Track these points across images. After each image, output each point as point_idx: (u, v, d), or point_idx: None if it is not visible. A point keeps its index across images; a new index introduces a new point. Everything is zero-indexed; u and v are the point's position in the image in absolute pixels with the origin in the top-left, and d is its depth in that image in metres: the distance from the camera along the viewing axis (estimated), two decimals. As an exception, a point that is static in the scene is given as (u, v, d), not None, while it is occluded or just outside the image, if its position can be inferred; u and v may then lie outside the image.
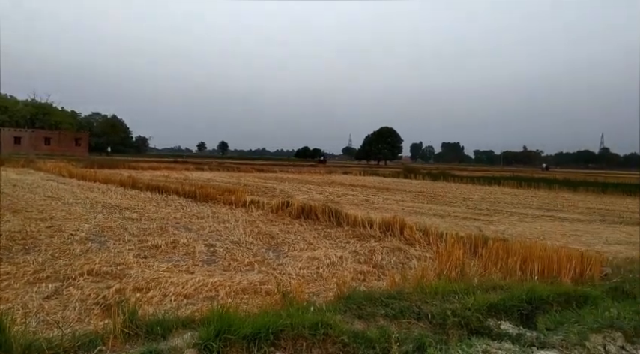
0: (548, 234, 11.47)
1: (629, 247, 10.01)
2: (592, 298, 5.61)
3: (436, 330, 4.70)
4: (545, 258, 6.86)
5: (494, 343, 4.19)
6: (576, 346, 4.30)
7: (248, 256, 8.09)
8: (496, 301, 5.20)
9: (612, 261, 8.02)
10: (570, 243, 9.90)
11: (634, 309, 5.28)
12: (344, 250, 8.90)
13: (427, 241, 9.70)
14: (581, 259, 6.94)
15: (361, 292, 5.30)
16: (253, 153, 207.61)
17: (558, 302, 5.41)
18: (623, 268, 7.37)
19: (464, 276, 6.32)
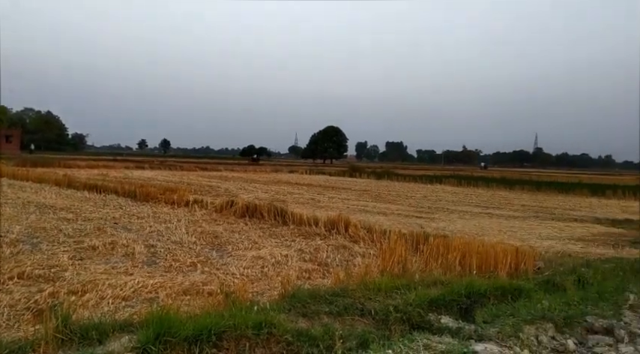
0: (486, 230, 11.90)
1: (560, 242, 10.54)
2: (526, 291, 5.86)
3: (379, 326, 4.76)
4: (483, 253, 7.10)
5: (435, 337, 4.29)
6: (511, 338, 4.46)
7: (190, 256, 7.91)
8: (437, 296, 5.33)
9: (545, 255, 8.42)
10: (507, 239, 10.31)
11: (564, 300, 5.56)
12: (289, 248, 8.87)
13: (371, 238, 9.83)
14: (517, 254, 7.24)
15: (306, 291, 5.29)
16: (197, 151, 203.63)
17: (495, 296, 5.61)
18: (555, 262, 7.76)
19: (406, 272, 6.44)
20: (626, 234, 12.51)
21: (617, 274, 7.28)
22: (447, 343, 4.12)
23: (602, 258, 8.48)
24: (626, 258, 8.57)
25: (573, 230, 12.95)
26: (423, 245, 8.22)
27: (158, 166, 43.93)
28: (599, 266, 7.51)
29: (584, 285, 6.57)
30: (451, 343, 4.13)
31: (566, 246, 9.99)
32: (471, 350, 3.99)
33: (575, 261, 7.86)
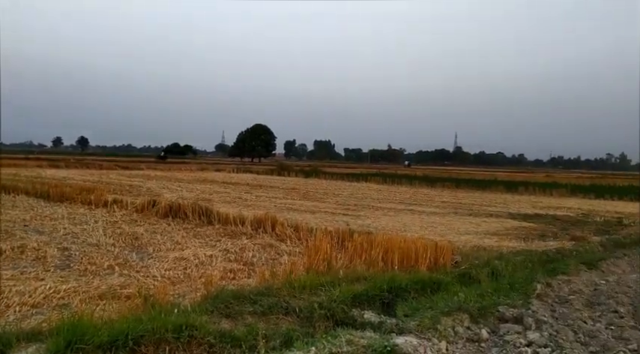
0: (408, 226, 12.28)
1: (477, 237, 11.09)
2: (444, 285, 6.11)
3: (304, 323, 4.77)
4: (404, 249, 7.33)
5: (358, 332, 4.36)
6: (430, 330, 4.63)
7: (108, 259, 7.55)
8: (360, 291, 5.43)
9: (462, 249, 8.82)
10: (428, 234, 10.69)
11: (479, 292, 5.85)
12: (214, 248, 8.71)
13: (298, 236, 9.86)
14: (436, 248, 7.54)
15: (230, 291, 5.21)
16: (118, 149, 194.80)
17: (415, 290, 5.81)
18: (471, 255, 8.14)
19: (331, 269, 6.51)
20: (536, 228, 13.37)
21: (526, 266, 7.78)
22: (369, 338, 4.20)
23: (513, 251, 9.00)
24: (535, 250, 9.17)
25: (489, 225, 13.66)
26: (349, 242, 8.34)
27: (75, 164, 41.64)
28: (511, 259, 7.98)
29: (497, 277, 6.96)
30: (373, 338, 4.22)
31: (482, 240, 10.51)
32: (392, 343, 4.10)
33: (490, 254, 8.29)
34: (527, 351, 4.38)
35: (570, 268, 7.91)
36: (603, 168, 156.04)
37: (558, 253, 9.18)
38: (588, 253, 9.49)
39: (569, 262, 8.37)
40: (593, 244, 10.40)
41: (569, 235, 11.56)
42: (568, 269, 7.80)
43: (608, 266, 8.55)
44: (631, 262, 9.19)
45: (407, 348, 4.14)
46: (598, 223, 15.18)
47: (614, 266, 8.64)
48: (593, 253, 9.63)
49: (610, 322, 5.41)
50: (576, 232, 11.89)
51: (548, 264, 8.29)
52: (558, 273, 7.55)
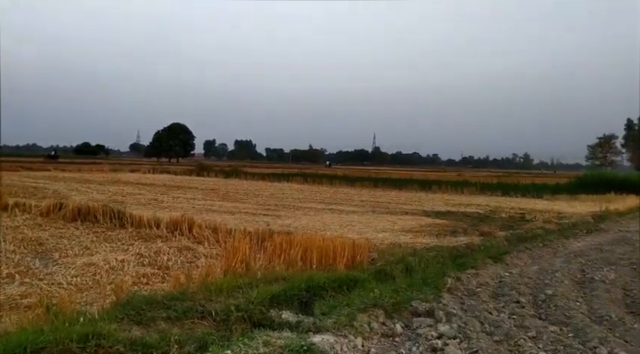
0: (328, 225, 12.44)
1: (393, 234, 11.44)
2: (361, 282, 6.23)
3: (220, 327, 4.68)
4: (323, 248, 7.40)
5: (275, 333, 4.34)
6: (346, 327, 4.70)
7: (8, 266, 6.99)
8: (278, 292, 5.41)
9: (379, 247, 9.06)
10: (346, 233, 10.88)
11: (393, 288, 6.02)
12: (126, 253, 8.32)
13: (216, 238, 9.66)
14: (354, 246, 7.68)
15: (142, 297, 4.99)
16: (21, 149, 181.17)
17: (333, 288, 5.87)
18: (387, 252, 8.38)
19: (249, 270, 6.44)
20: (448, 224, 14.03)
21: (438, 261, 8.12)
22: (286, 338, 4.19)
23: (427, 247, 9.37)
24: (447, 246, 9.59)
25: (405, 222, 14.13)
26: (268, 243, 8.30)
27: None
28: (424, 255, 8.30)
29: (411, 272, 7.21)
30: (290, 338, 4.21)
31: (398, 237, 10.86)
32: (309, 343, 4.12)
33: (405, 251, 8.58)
34: (438, 343, 4.57)
35: (478, 262, 8.37)
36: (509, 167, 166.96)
37: (468, 248, 9.67)
38: (494, 248, 10.08)
39: (477, 257, 8.85)
40: (499, 239, 11.04)
41: (478, 231, 12.22)
42: (476, 263, 8.25)
43: (511, 259, 9.12)
44: (532, 254, 9.87)
45: (324, 346, 4.18)
46: (504, 219, 16.19)
47: (517, 259, 9.24)
48: (498, 247, 10.24)
49: (512, 312, 5.78)
50: (484, 228, 12.58)
51: (458, 259, 8.72)
52: (467, 267, 7.97)
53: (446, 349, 4.37)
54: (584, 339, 4.91)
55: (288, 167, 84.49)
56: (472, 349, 4.40)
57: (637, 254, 10.30)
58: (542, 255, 9.99)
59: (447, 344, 4.50)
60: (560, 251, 10.55)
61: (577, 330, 5.18)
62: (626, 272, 8.53)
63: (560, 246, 11.19)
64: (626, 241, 12.42)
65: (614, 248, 11.15)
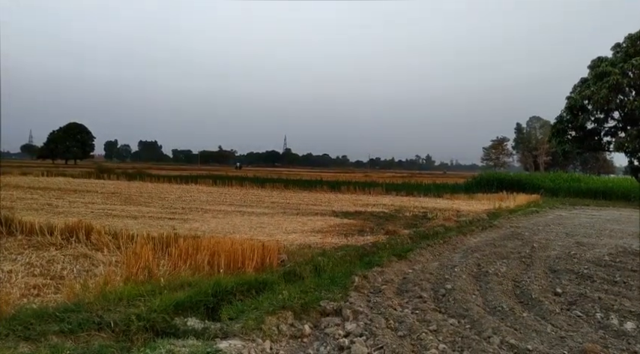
0: (238, 228, 12.24)
1: (303, 235, 11.50)
2: (270, 284, 6.19)
3: (120, 338, 4.43)
4: (231, 251, 7.26)
5: (179, 341, 4.18)
6: (255, 331, 4.64)
7: None
8: (183, 298, 5.22)
9: (289, 248, 9.05)
10: (256, 235, 10.77)
11: (302, 289, 6.05)
12: (15, 263, 7.62)
13: (117, 244, 9.13)
14: (263, 249, 7.61)
15: (30, 310, 4.60)
16: None
17: (241, 292, 5.78)
18: (297, 254, 8.40)
19: (152, 277, 6.16)
20: (356, 224, 14.36)
21: (346, 260, 8.28)
22: (191, 346, 4.06)
23: (335, 247, 9.52)
24: (354, 245, 9.81)
25: (314, 223, 14.27)
26: (173, 248, 7.98)
27: None
28: (332, 254, 8.42)
29: (320, 272, 7.28)
30: (195, 345, 4.08)
31: (308, 238, 10.94)
32: (215, 349, 4.02)
33: (314, 251, 8.65)
34: (345, 341, 4.65)
35: (384, 260, 8.65)
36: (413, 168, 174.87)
37: (374, 246, 9.95)
38: (399, 246, 10.47)
39: (383, 255, 9.15)
40: (404, 237, 11.49)
41: (384, 230, 12.63)
42: (382, 261, 8.51)
43: (415, 256, 9.52)
44: (433, 251, 10.37)
45: (231, 352, 4.09)
46: (408, 217, 16.86)
47: (419, 256, 9.67)
48: (403, 245, 10.64)
49: (415, 307, 6.03)
50: (390, 227, 13.03)
51: (365, 257, 8.95)
52: (374, 265, 8.20)
53: (352, 347, 4.45)
54: (480, 329, 5.22)
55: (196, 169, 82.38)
56: (378, 346, 4.51)
57: (526, 248, 11.17)
58: (442, 251, 10.53)
59: (353, 342, 4.58)
60: (459, 247, 11.18)
61: (473, 321, 5.50)
62: (516, 265, 9.22)
63: (459, 242, 11.87)
64: (516, 236, 13.44)
65: (506, 243, 12.02)
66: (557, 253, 10.74)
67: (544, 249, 11.28)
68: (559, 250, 11.20)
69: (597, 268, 9.10)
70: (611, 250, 11.20)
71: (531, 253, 10.49)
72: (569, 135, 32.37)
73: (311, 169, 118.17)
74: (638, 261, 9.88)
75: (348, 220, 15.36)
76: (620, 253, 10.92)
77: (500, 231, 14.66)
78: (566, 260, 9.80)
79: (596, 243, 12.50)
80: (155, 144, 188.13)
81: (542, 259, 9.84)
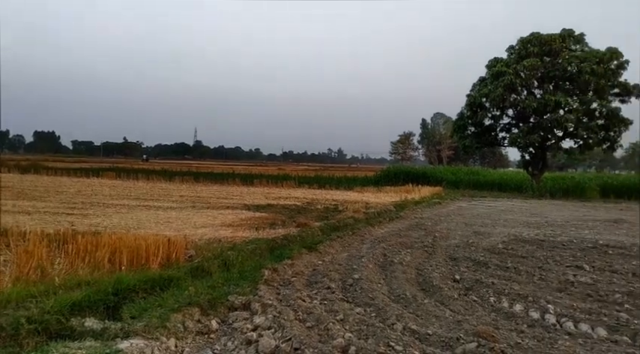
0: (143, 223, 11.75)
1: (213, 229, 11.27)
2: (176, 280, 6.01)
3: (7, 343, 4.09)
4: (135, 247, 6.94)
5: (75, 343, 3.95)
6: (158, 329, 4.48)
7: None
8: (80, 298, 4.91)
9: (198, 243, 8.83)
10: (163, 230, 10.40)
11: (210, 284, 5.93)
12: None
13: (7, 243, 8.41)
14: (169, 244, 7.36)
15: None
16: None
17: (145, 289, 5.55)
18: (206, 248, 8.22)
19: (46, 277, 5.75)
20: (268, 217, 14.31)
21: (256, 254, 8.23)
22: (88, 347, 3.84)
23: (246, 240, 9.43)
24: (265, 238, 9.78)
25: (225, 217, 14.04)
26: (71, 245, 7.49)
27: None
28: (243, 248, 8.33)
29: (229, 267, 7.18)
30: (93, 346, 3.87)
31: (218, 232, 10.74)
32: (114, 350, 3.83)
33: (223, 246, 8.52)
34: (253, 335, 4.62)
35: (294, 252, 8.70)
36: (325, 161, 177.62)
37: (285, 239, 9.98)
38: (310, 238, 10.59)
39: (293, 247, 9.20)
40: (315, 229, 11.63)
41: (296, 223, 12.71)
42: (292, 254, 8.56)
43: (325, 248, 9.68)
44: (342, 242, 10.61)
45: (132, 351, 3.93)
46: (319, 210, 17.09)
47: (329, 247, 9.84)
48: (313, 237, 10.77)
49: (324, 298, 6.12)
50: (301, 219, 13.14)
51: (276, 250, 8.96)
52: (284, 258, 8.22)
53: (260, 341, 4.44)
54: (384, 317, 5.42)
55: (99, 161, 78.00)
56: (286, 338, 4.53)
57: (428, 238, 11.75)
58: (351, 242, 10.80)
59: (261, 335, 4.57)
60: (367, 238, 11.53)
61: (378, 310, 5.70)
62: (419, 254, 9.67)
63: (367, 233, 12.23)
64: (420, 226, 14.10)
65: (411, 233, 12.57)
66: (457, 242, 11.41)
67: (445, 238, 11.93)
68: (458, 239, 11.90)
69: (492, 255, 9.78)
70: (504, 238, 12.09)
71: (433, 243, 11.05)
72: (469, 131, 34.40)
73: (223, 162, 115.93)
74: (527, 248, 10.75)
75: (260, 214, 15.28)
76: (512, 240, 11.81)
77: (405, 222, 15.30)
78: (465, 248, 10.43)
79: (491, 232, 13.43)
80: (53, 134, 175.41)
81: (443, 248, 10.40)
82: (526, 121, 31.75)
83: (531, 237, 12.55)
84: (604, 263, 9.23)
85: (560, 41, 30.26)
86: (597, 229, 14.79)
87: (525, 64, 29.96)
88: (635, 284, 7.55)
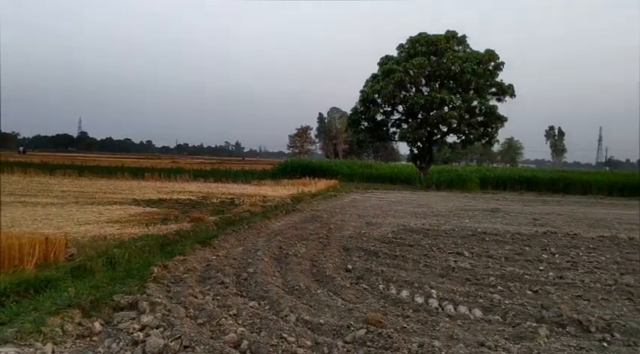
0: (17, 221, 10.75)
1: (98, 226, 10.61)
2: (54, 281, 5.58)
3: None
4: (7, 247, 6.32)
5: None
6: (33, 334, 4.14)
7: None
8: (-63, 306, 4.39)
9: (80, 241, 8.26)
10: (41, 228, 9.60)
11: (92, 284, 5.58)
12: None
13: None
14: (47, 243, 6.80)
15: None
16: None
17: (17, 292, 5.11)
18: (89, 246, 7.72)
19: None
20: (159, 212, 13.77)
21: (145, 251, 7.88)
22: (-54, 362, 3.44)
23: (135, 237, 9.00)
24: (156, 235, 9.40)
25: (112, 213, 13.27)
26: None
27: None
28: (131, 245, 7.94)
29: (115, 265, 6.81)
30: (-48, 360, 3.47)
31: (104, 229, 10.13)
32: (-22, 362, 3.47)
33: (109, 243, 8.06)
34: (140, 335, 4.42)
35: (187, 248, 8.45)
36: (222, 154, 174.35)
37: (178, 234, 9.67)
38: (204, 233, 10.35)
39: (186, 243, 8.93)
40: (209, 224, 11.39)
41: (189, 217, 12.33)
42: (185, 249, 8.30)
43: (219, 242, 9.50)
44: (238, 236, 10.49)
45: (0, 362, 3.58)
46: (215, 204, 16.76)
47: (224, 242, 9.68)
48: (208, 231, 10.55)
49: (217, 294, 6.02)
50: (195, 214, 12.78)
51: (167, 246, 8.65)
52: (176, 254, 7.95)
53: (148, 340, 4.25)
54: (278, 309, 5.45)
55: (-34, 154, 69.99)
56: (175, 336, 4.38)
57: (323, 230, 12.00)
58: (247, 236, 10.72)
59: (149, 335, 4.38)
60: (263, 231, 11.51)
61: (272, 302, 5.72)
62: (314, 246, 9.84)
63: (264, 227, 12.21)
64: (316, 218, 14.35)
65: (307, 225, 12.75)
66: (350, 233, 11.78)
67: (339, 229, 12.27)
68: (352, 230, 12.29)
69: (382, 244, 10.22)
70: (394, 228, 12.70)
71: (328, 234, 11.31)
72: (363, 125, 35.57)
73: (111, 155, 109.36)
74: (414, 236, 11.38)
75: (151, 209, 14.65)
76: (401, 230, 12.44)
77: (302, 214, 15.49)
78: (358, 239, 10.80)
79: (382, 222, 14.04)
80: None
81: (337, 239, 10.69)
82: (414, 117, 33.49)
83: (418, 226, 13.31)
84: (481, 249, 10.03)
85: (445, 42, 32.24)
86: (476, 218, 16.05)
87: (414, 62, 31.58)
88: (508, 268, 8.30)
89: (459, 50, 32.98)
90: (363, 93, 34.06)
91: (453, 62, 31.76)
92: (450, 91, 32.18)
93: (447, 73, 32.22)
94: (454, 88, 32.63)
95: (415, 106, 31.95)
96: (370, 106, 33.88)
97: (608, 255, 9.81)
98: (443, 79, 32.81)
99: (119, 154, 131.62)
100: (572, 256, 9.55)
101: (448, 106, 31.96)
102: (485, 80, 31.95)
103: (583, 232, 13.32)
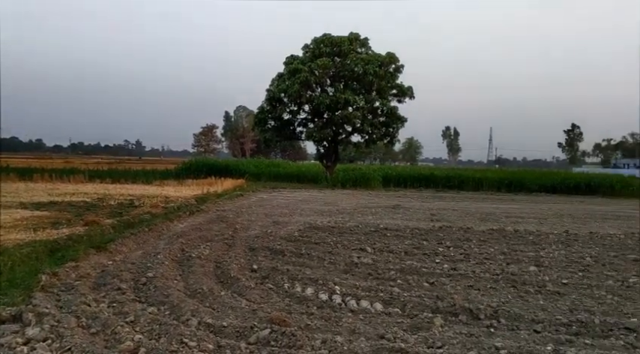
0: None
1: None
2: None
3: None
4: None
5: None
6: None
7: None
8: None
9: (-46, 250, 7.46)
10: None
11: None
12: None
13: None
14: None
15: None
16: None
17: None
18: (-35, 255, 6.98)
19: None
20: (50, 216, 12.79)
21: (32, 258, 7.29)
22: None
23: (20, 243, 8.29)
24: (45, 240, 8.73)
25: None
26: None
27: None
28: (15, 252, 7.30)
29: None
30: None
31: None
32: None
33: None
34: (24, 349, 4.07)
35: (80, 253, 7.91)
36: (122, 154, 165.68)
37: (70, 239, 9.04)
38: (99, 237, 9.75)
39: (79, 248, 8.37)
40: (106, 227, 10.76)
41: (83, 221, 11.58)
42: (77, 255, 7.78)
43: (116, 247, 9.01)
44: (137, 240, 10.01)
45: None
46: (112, 206, 15.88)
47: (122, 246, 9.19)
48: (104, 235, 9.95)
49: (113, 300, 5.70)
50: (90, 217, 12.02)
51: (57, 252, 8.06)
52: (67, 260, 7.43)
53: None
54: (179, 314, 5.27)
55: None
56: (64, 348, 4.09)
57: (229, 230, 11.80)
58: (147, 239, 10.27)
59: (34, 349, 4.05)
60: (165, 234, 11.09)
61: (173, 307, 5.52)
62: (219, 247, 9.65)
63: (165, 229, 11.76)
64: (221, 219, 14.08)
65: (212, 226, 12.47)
66: (257, 232, 11.69)
67: (245, 230, 12.14)
68: (258, 229, 12.21)
69: (288, 243, 10.25)
70: (300, 227, 12.80)
71: (234, 235, 11.15)
72: (270, 124, 35.49)
73: None
74: (319, 234, 11.54)
75: (40, 213, 13.57)
76: (307, 228, 12.56)
77: (207, 215, 15.14)
78: (264, 238, 10.75)
79: (289, 221, 14.09)
80: None
81: (243, 239, 10.56)
82: (320, 116, 33.99)
83: (324, 224, 13.52)
84: (383, 245, 10.41)
85: (348, 43, 33.04)
86: (379, 215, 16.63)
87: (318, 63, 32.04)
88: (407, 262, 8.68)
89: (361, 52, 33.93)
90: (270, 92, 33.98)
91: (356, 64, 32.60)
92: (354, 91, 33.01)
93: (350, 74, 33.03)
94: (358, 89, 33.52)
95: (321, 106, 32.42)
96: (277, 105, 33.87)
97: (496, 247, 10.59)
98: (347, 80, 33.59)
99: (5, 153, 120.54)
100: (464, 249, 10.20)
101: (352, 106, 32.78)
102: (386, 82, 33.18)
103: (475, 225, 14.27)
